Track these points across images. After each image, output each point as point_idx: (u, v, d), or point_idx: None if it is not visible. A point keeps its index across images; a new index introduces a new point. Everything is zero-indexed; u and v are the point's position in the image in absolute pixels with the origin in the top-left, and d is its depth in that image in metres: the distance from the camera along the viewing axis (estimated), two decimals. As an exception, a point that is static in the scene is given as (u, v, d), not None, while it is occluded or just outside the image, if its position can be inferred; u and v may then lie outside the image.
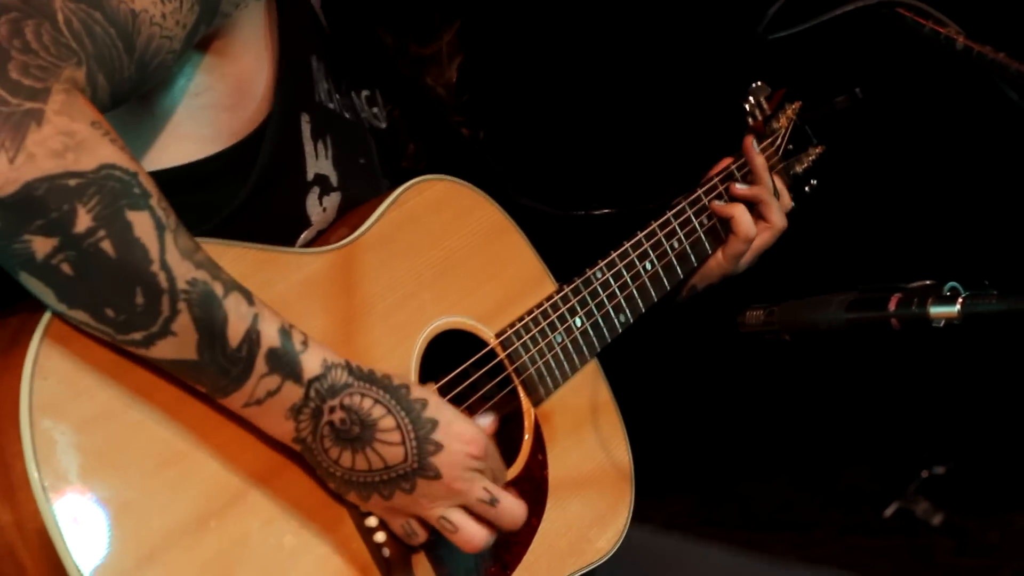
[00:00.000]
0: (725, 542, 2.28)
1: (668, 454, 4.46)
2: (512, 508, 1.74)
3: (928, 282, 1.76)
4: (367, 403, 1.63)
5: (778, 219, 2.35)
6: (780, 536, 4.70)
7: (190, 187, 1.72)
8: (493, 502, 1.72)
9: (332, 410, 1.61)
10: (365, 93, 2.13)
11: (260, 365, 1.57)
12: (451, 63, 2.18)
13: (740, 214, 2.31)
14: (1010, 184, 4.43)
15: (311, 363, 1.60)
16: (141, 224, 1.49)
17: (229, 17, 1.75)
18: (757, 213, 2.35)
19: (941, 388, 4.96)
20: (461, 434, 1.69)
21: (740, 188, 2.34)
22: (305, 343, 1.61)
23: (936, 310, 1.72)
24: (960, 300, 1.71)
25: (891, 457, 4.96)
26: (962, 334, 1.74)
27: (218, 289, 1.54)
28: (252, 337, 1.56)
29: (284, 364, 1.58)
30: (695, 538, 2.28)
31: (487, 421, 1.80)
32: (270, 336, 1.57)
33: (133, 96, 1.64)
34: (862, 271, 4.26)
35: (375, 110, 2.14)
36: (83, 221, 1.45)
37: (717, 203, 2.32)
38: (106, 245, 1.46)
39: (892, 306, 1.75)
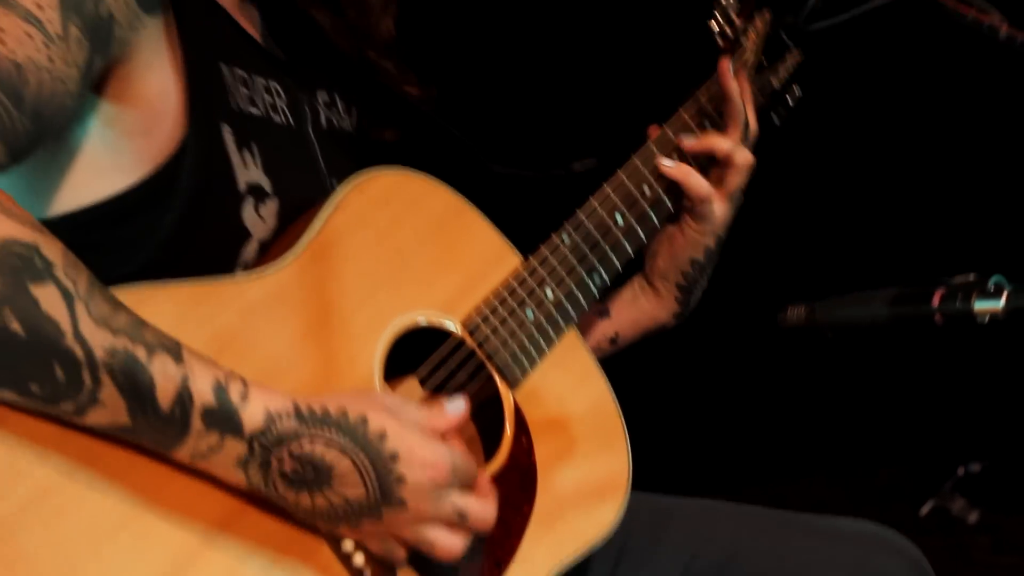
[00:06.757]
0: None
1: (702, 453, 4.44)
2: (482, 513, 1.69)
3: (972, 276, 1.73)
4: (319, 449, 1.57)
5: (743, 159, 2.11)
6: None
7: (117, 220, 1.66)
8: (462, 517, 1.67)
9: (281, 461, 1.56)
10: (323, 97, 2.06)
11: (197, 423, 1.52)
12: (385, 13, 2.07)
13: (686, 178, 2.09)
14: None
15: (252, 416, 1.54)
16: (47, 298, 1.43)
17: (127, 43, 1.68)
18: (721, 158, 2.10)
19: (975, 385, 4.92)
20: (424, 460, 1.63)
21: (688, 144, 2.11)
22: (245, 395, 1.55)
23: (981, 305, 1.69)
24: (1005, 294, 1.68)
25: (926, 455, 4.92)
26: (996, 331, 1.71)
27: (141, 353, 1.48)
28: (184, 397, 1.51)
29: (222, 421, 1.53)
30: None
31: (460, 405, 1.71)
32: (203, 393, 1.52)
33: (38, 146, 1.58)
34: (903, 267, 4.23)
35: (334, 111, 2.07)
36: None
37: (665, 164, 2.10)
38: (15, 325, 1.41)
39: (936, 301, 1.72)
